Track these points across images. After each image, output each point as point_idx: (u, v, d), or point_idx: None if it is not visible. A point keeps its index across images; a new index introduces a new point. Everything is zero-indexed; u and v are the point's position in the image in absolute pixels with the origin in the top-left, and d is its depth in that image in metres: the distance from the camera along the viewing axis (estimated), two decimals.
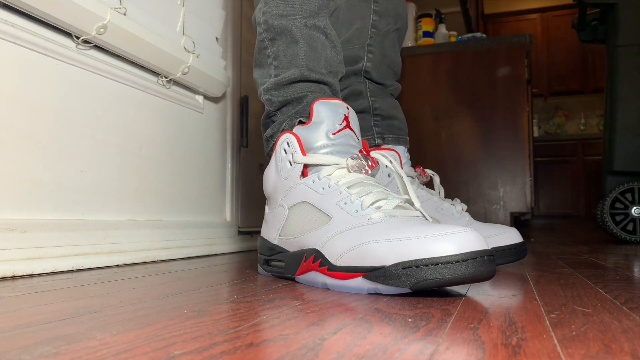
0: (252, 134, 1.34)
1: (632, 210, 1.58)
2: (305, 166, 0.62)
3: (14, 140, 0.68)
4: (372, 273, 0.49)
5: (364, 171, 0.60)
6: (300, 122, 0.65)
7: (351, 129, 0.63)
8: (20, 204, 0.68)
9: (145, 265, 0.80)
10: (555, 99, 4.84)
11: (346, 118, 0.63)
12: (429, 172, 0.88)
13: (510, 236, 0.75)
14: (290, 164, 0.62)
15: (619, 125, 1.61)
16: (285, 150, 0.63)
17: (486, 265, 0.46)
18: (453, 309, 0.42)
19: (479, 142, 1.91)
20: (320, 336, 0.32)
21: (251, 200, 1.33)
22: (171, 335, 0.32)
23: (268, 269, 0.67)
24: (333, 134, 0.61)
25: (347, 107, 0.64)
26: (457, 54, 1.97)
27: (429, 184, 0.92)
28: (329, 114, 0.62)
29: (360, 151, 0.62)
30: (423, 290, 0.48)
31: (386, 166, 0.77)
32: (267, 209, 0.69)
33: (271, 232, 0.66)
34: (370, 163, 0.60)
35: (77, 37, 0.77)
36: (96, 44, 0.81)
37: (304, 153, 0.61)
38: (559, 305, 0.44)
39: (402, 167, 0.82)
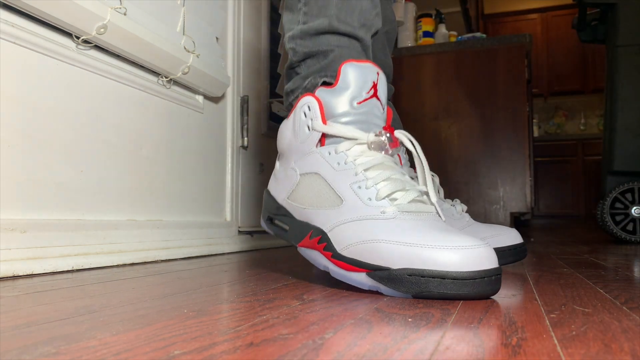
0: (252, 134, 1.34)
1: (632, 210, 1.58)
2: (324, 134, 0.58)
3: (14, 140, 0.68)
4: (376, 272, 0.48)
5: (384, 151, 0.56)
6: (325, 83, 0.60)
7: (378, 98, 0.58)
8: (20, 204, 0.68)
9: (145, 265, 0.80)
10: (555, 99, 4.84)
11: (375, 86, 0.57)
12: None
13: (510, 237, 0.75)
14: (309, 129, 0.58)
15: (619, 125, 1.61)
16: (305, 113, 0.58)
17: (492, 284, 0.45)
18: (453, 309, 0.42)
19: (479, 142, 1.91)
20: (320, 336, 0.32)
21: (251, 200, 1.33)
22: (171, 335, 0.32)
23: (271, 226, 0.65)
24: (358, 103, 0.57)
25: (377, 72, 0.58)
26: (457, 54, 1.97)
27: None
28: (356, 80, 0.56)
29: (384, 128, 0.57)
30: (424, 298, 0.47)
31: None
32: (278, 165, 0.65)
33: (280, 191, 0.63)
34: (392, 142, 0.56)
35: (77, 37, 0.77)
36: (96, 44, 0.81)
37: (324, 120, 0.57)
38: (559, 305, 0.44)
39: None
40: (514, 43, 1.91)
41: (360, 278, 0.50)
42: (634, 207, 1.58)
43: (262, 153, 1.39)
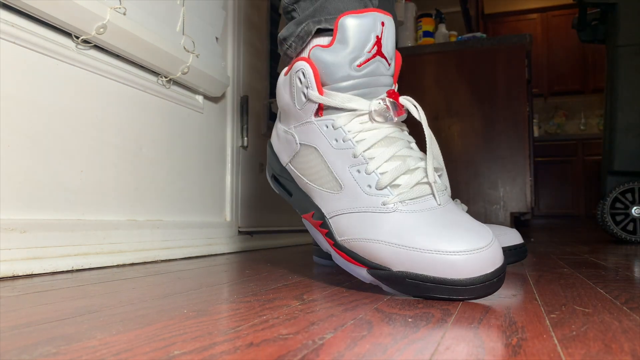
0: (252, 134, 1.34)
1: (632, 210, 1.58)
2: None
3: (14, 140, 0.68)
4: (376, 271, 0.48)
5: (388, 120, 0.51)
6: (320, 31, 0.54)
7: (382, 56, 0.51)
8: (20, 204, 0.68)
9: (145, 265, 0.80)
10: (555, 99, 4.85)
11: (378, 41, 0.51)
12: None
13: (510, 237, 0.75)
14: (305, 97, 0.53)
15: (619, 125, 1.61)
16: (300, 80, 0.53)
17: (494, 286, 0.44)
18: (453, 309, 0.42)
19: (479, 142, 1.91)
20: (320, 336, 0.32)
21: (251, 200, 1.33)
22: (171, 335, 0.32)
23: (276, 185, 0.62)
24: (359, 65, 0.51)
25: (382, 22, 0.51)
26: (457, 54, 1.97)
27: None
28: (357, 35, 0.50)
29: (388, 93, 0.51)
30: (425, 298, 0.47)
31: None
32: (278, 119, 0.61)
33: (282, 152, 0.59)
34: (397, 110, 0.50)
35: (77, 37, 0.77)
36: (96, 44, 0.81)
37: (320, 90, 0.51)
38: (559, 305, 0.44)
39: None
40: (514, 43, 1.91)
41: (361, 272, 0.50)
42: (634, 207, 1.58)
43: (262, 153, 1.39)
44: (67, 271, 0.70)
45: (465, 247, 0.43)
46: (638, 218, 1.57)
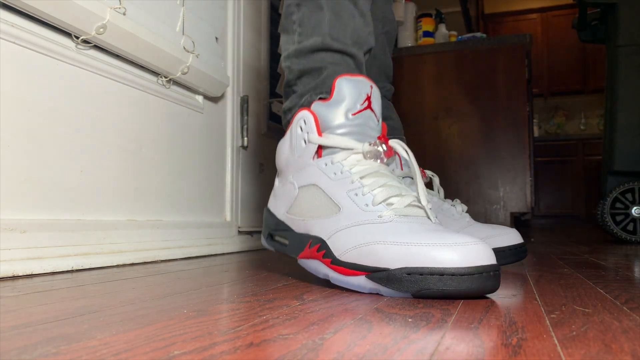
0: (252, 134, 1.34)
1: (633, 210, 1.58)
2: (320, 147, 0.59)
3: (14, 140, 0.68)
4: (375, 274, 0.48)
5: (379, 160, 0.57)
6: (321, 98, 0.62)
7: (372, 110, 0.60)
8: (20, 204, 0.68)
9: (145, 265, 0.80)
10: (555, 99, 4.84)
11: (368, 98, 0.59)
12: (428, 173, 0.88)
13: (510, 237, 0.75)
14: (305, 143, 0.60)
15: (619, 125, 1.61)
16: (301, 127, 0.60)
17: (491, 280, 0.46)
18: (453, 309, 0.42)
19: (479, 142, 1.91)
20: (320, 336, 0.32)
21: (251, 200, 1.33)
22: (171, 335, 0.32)
23: (271, 243, 0.66)
24: (353, 114, 0.58)
25: (371, 86, 0.60)
26: (457, 54, 1.97)
27: (429, 185, 0.91)
28: (351, 92, 0.59)
29: (379, 137, 0.59)
30: (425, 298, 0.47)
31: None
32: (277, 181, 0.67)
33: (279, 207, 0.64)
34: (386, 151, 0.58)
35: (77, 37, 0.77)
36: (96, 44, 0.81)
37: (319, 133, 0.58)
38: (559, 305, 0.44)
39: (402, 168, 0.82)
40: (514, 43, 1.91)
41: (359, 281, 0.50)
42: (634, 207, 1.58)
43: (262, 153, 1.39)
44: (67, 271, 0.70)
45: (461, 240, 0.46)
46: (638, 218, 1.57)
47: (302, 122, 0.60)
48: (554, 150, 4.45)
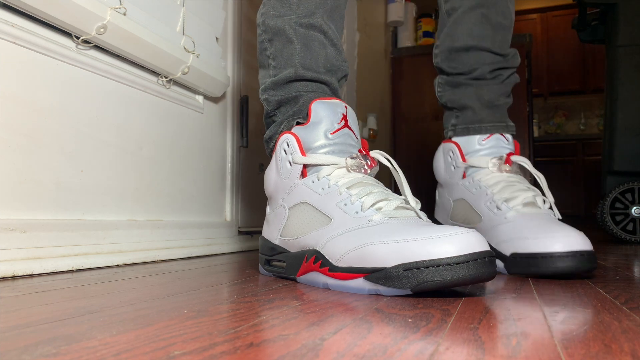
0: (252, 134, 1.34)
1: (632, 210, 1.58)
2: (305, 166, 0.62)
3: (14, 140, 0.68)
4: (373, 274, 0.49)
5: (363, 170, 0.60)
6: (299, 123, 0.65)
7: (350, 128, 0.63)
8: (20, 204, 0.68)
9: (145, 265, 0.80)
10: (555, 99, 4.84)
11: (344, 117, 0.63)
12: (534, 172, 0.81)
13: (578, 241, 0.65)
14: (290, 164, 0.62)
15: (619, 125, 1.61)
16: (285, 150, 0.63)
17: (487, 266, 0.46)
18: (453, 309, 0.42)
19: None
20: (320, 336, 0.32)
21: (251, 200, 1.33)
22: (171, 335, 0.32)
23: (269, 269, 0.67)
24: (332, 133, 0.61)
25: (345, 107, 0.64)
26: None
27: (535, 185, 0.83)
28: (327, 114, 0.62)
29: (360, 150, 0.63)
30: (424, 291, 0.48)
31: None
32: (268, 209, 0.69)
33: (272, 232, 0.66)
34: (369, 162, 0.61)
35: (77, 37, 0.77)
36: (96, 44, 0.81)
37: (303, 153, 0.61)
38: (559, 305, 0.44)
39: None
40: (513, 43, 1.91)
41: (358, 284, 0.51)
42: (634, 207, 1.58)
43: (262, 153, 1.39)
44: (67, 271, 0.70)
45: (451, 231, 0.47)
46: (638, 218, 1.57)
47: (285, 145, 0.63)
48: (554, 150, 4.45)
